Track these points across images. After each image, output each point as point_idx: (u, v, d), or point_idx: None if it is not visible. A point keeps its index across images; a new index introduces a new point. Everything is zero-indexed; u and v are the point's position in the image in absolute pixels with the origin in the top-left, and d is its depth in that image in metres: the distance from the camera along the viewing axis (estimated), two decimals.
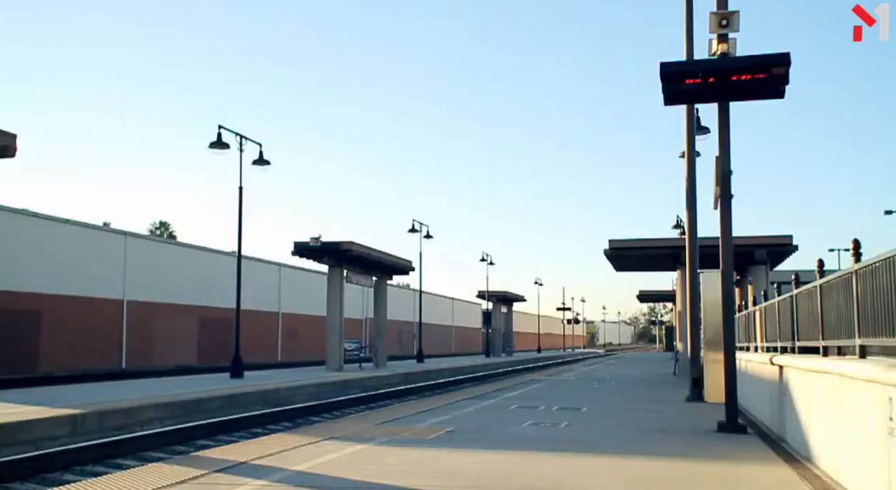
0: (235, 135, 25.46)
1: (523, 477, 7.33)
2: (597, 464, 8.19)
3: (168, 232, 76.10)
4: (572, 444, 9.52)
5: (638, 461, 8.33)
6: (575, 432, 10.88)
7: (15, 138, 13.45)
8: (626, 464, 8.16)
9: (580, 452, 8.86)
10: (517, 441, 9.82)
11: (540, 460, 8.31)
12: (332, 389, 22.86)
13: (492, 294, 60.01)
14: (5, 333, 30.33)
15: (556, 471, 7.68)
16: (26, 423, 11.69)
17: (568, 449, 9.11)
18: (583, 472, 7.63)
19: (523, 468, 7.84)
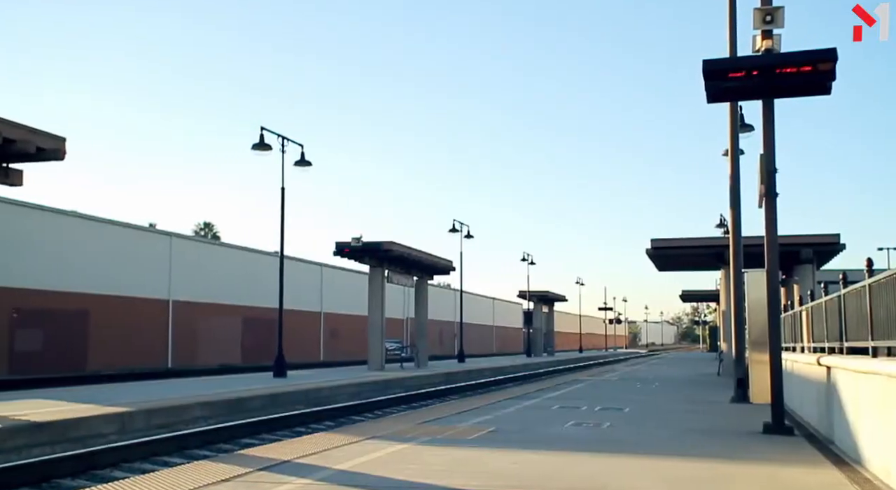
0: (277, 136, 25.73)
1: (566, 477, 7.30)
2: (640, 465, 8.12)
3: (212, 233, 77.10)
4: (615, 445, 9.45)
5: (681, 462, 8.24)
6: (618, 433, 10.80)
7: (64, 141, 13.72)
8: (670, 465, 8.08)
9: (623, 453, 8.79)
10: (559, 441, 9.77)
11: (582, 461, 8.27)
12: (374, 389, 22.97)
13: (533, 294, 59.80)
14: (55, 333, 31.02)
15: (599, 471, 7.63)
16: (76, 421, 11.93)
17: (611, 450, 9.04)
18: (626, 473, 7.57)
19: (566, 469, 7.80)
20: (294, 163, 26.54)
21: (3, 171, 13.65)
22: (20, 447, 10.68)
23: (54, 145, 13.52)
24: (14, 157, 13.49)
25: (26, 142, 12.88)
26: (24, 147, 12.87)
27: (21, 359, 29.33)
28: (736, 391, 15.84)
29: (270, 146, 25.09)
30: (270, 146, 25.09)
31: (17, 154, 13.20)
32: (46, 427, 11.32)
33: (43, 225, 30.81)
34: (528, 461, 8.18)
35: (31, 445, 10.85)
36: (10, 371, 28.26)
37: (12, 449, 10.56)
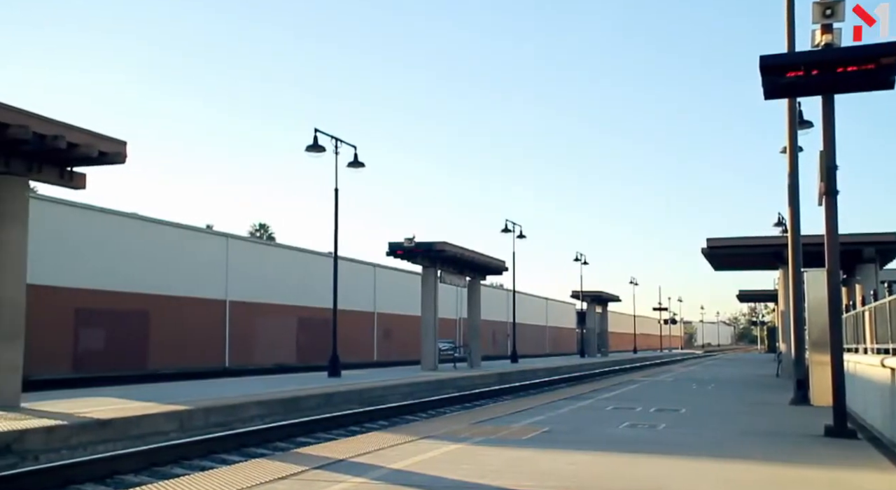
0: (331, 138, 25.96)
1: (621, 478, 7.24)
2: (696, 467, 8.02)
3: (267, 234, 78.20)
4: (671, 447, 9.34)
5: (739, 465, 8.11)
6: (673, 434, 10.67)
7: (125, 145, 14.04)
8: (727, 468, 7.96)
9: (679, 455, 8.68)
10: (614, 442, 9.70)
11: (638, 462, 8.19)
12: (427, 389, 23.05)
13: (586, 294, 59.39)
14: (116, 333, 31.77)
15: (655, 473, 7.55)
16: (137, 419, 12.20)
17: (666, 451, 8.94)
18: (682, 475, 7.48)
19: (621, 470, 7.74)
20: (347, 164, 26.77)
21: (68, 174, 14.03)
22: (85, 443, 10.97)
23: (116, 149, 13.84)
24: (77, 161, 13.86)
25: (89, 146, 13.22)
26: (87, 151, 13.20)
27: (84, 358, 30.11)
28: (796, 393, 15.52)
29: (324, 148, 25.33)
30: (324, 148, 25.33)
31: (81, 158, 13.56)
32: (109, 424, 11.60)
33: (104, 227, 31.58)
34: (582, 462, 8.13)
35: (95, 442, 11.13)
36: (74, 369, 29.03)
37: (77, 445, 10.85)
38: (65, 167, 13.96)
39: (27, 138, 12.16)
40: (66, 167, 13.98)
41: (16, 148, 12.69)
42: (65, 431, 10.83)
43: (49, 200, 27.85)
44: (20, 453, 9.99)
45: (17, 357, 13.38)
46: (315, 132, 25.15)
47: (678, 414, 13.57)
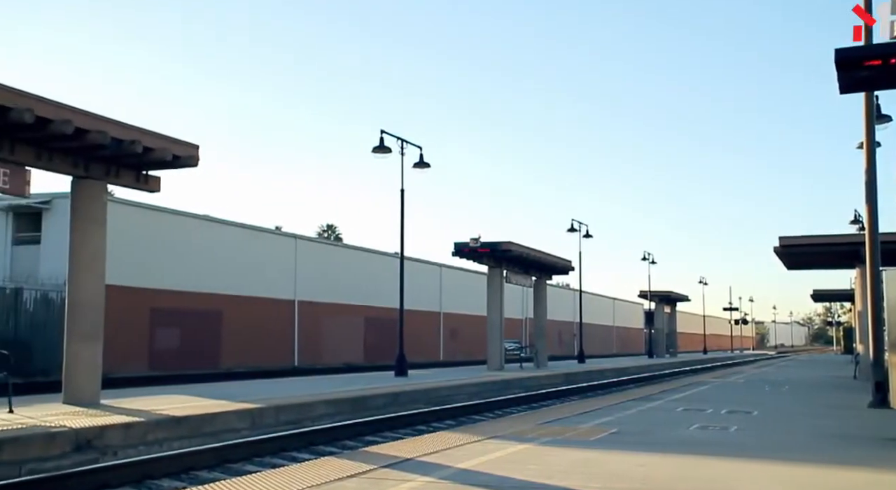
0: (397, 139, 26.16)
1: (692, 481, 7.13)
2: (771, 470, 7.84)
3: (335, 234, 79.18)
4: (743, 449, 9.15)
5: (815, 469, 7.91)
6: (745, 437, 10.46)
7: (197, 148, 14.40)
8: (801, 472, 7.78)
9: (751, 458, 8.50)
10: (684, 444, 9.55)
11: (708, 464, 8.05)
12: (493, 389, 23.04)
13: (654, 293, 58.59)
14: (190, 332, 32.54)
15: (727, 476, 7.42)
16: (211, 416, 12.50)
17: (738, 454, 8.76)
18: (756, 479, 7.33)
19: (691, 472, 7.62)
20: (413, 165, 26.93)
21: (143, 177, 14.45)
22: (160, 440, 11.28)
23: (188, 152, 14.19)
24: (152, 165, 14.27)
25: (164, 150, 13.58)
26: (161, 155, 13.57)
27: (159, 357, 30.90)
28: (874, 396, 15.04)
29: (390, 149, 25.54)
30: (390, 149, 25.54)
31: (155, 162, 13.95)
32: (184, 421, 11.91)
33: (177, 228, 32.37)
34: (651, 463, 8.03)
35: (170, 439, 11.43)
36: (150, 368, 29.82)
37: (153, 442, 11.17)
38: (140, 171, 14.37)
39: (105, 143, 12.55)
40: (142, 171, 14.40)
41: (94, 152, 13.13)
42: (141, 428, 11.16)
43: (124, 203, 28.67)
44: (100, 449, 10.33)
45: (97, 356, 13.83)
46: (381, 133, 25.40)
47: (750, 416, 13.30)
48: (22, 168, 12.48)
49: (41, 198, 27.74)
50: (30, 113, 11.25)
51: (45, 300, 27.08)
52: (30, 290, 27.17)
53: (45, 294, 27.06)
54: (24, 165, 12.50)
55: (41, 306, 27.08)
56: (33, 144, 12.44)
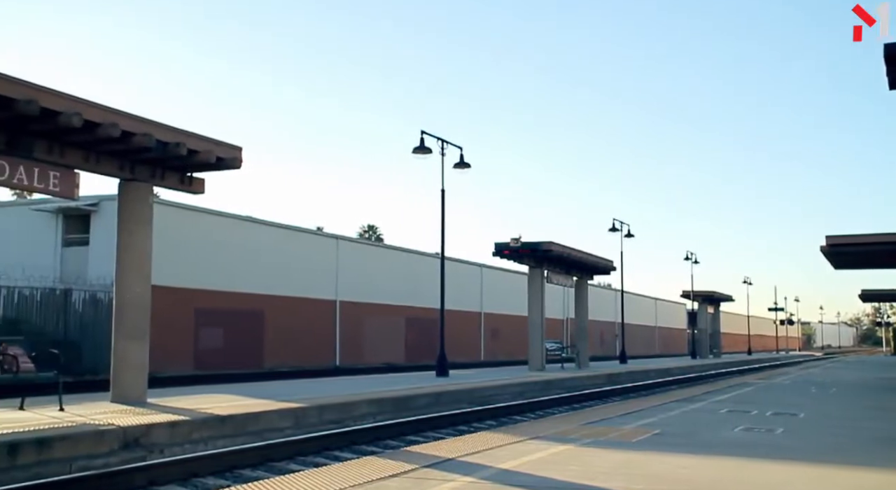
0: (437, 139, 26.21)
1: (736, 484, 7.05)
2: (818, 474, 7.72)
3: (375, 235, 79.55)
4: (789, 452, 9.02)
5: (865, 473, 7.76)
6: (791, 439, 10.30)
7: (240, 150, 14.56)
8: (849, 475, 7.64)
9: (797, 461, 8.38)
10: (728, 446, 9.43)
11: (753, 467, 7.95)
12: (535, 389, 22.98)
13: (697, 294, 57.94)
14: (234, 332, 32.95)
15: (772, 479, 7.32)
16: (255, 415, 12.64)
17: (784, 457, 8.64)
18: (803, 482, 7.22)
19: (736, 475, 7.53)
20: (453, 165, 26.96)
21: (188, 179, 14.66)
22: (206, 438, 11.44)
23: (232, 154, 14.36)
24: (196, 167, 14.47)
25: (208, 152, 13.76)
26: (205, 157, 13.75)
27: (204, 356, 31.33)
28: None
29: (430, 149, 25.60)
30: (430, 149, 25.60)
31: (199, 164, 14.14)
32: (228, 420, 12.06)
33: (220, 229, 32.79)
34: (695, 465, 7.95)
35: (215, 437, 11.59)
36: (195, 367, 30.25)
37: (199, 440, 11.32)
38: (185, 173, 14.58)
39: (151, 146, 12.75)
40: (186, 173, 14.60)
41: (140, 155, 13.35)
42: (187, 426, 11.33)
43: (169, 204, 29.11)
44: (147, 447, 10.51)
45: (143, 355, 14.07)
46: (422, 134, 25.47)
47: (796, 418, 13.09)
48: (71, 171, 12.75)
49: (89, 200, 28.30)
50: (78, 117, 11.48)
51: (94, 300, 27.63)
52: (79, 290, 27.75)
53: (94, 294, 27.61)
54: (72, 168, 12.76)
55: (90, 307, 27.64)
56: (82, 148, 12.69)
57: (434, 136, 26.05)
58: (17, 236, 30.67)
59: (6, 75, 10.81)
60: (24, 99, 10.81)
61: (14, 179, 12.04)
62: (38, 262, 28.09)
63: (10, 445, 8.96)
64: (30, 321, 25.84)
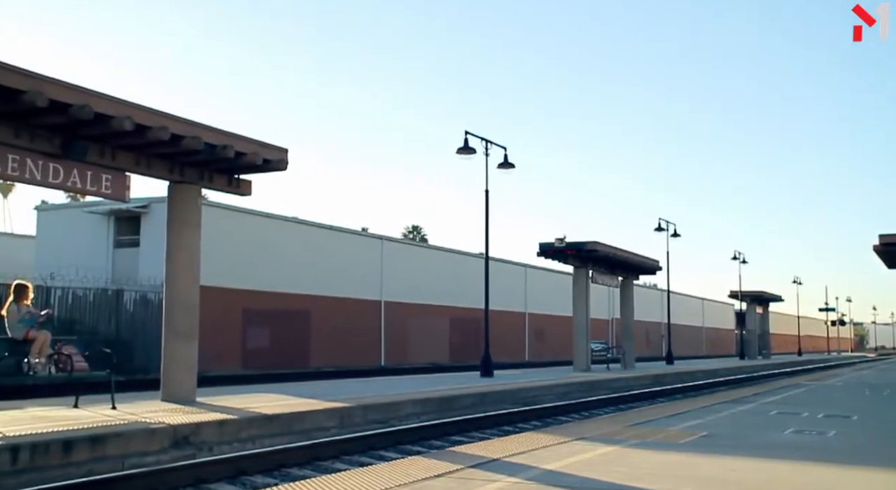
0: (481, 139, 26.20)
1: (787, 486, 6.94)
2: (869, 478, 7.56)
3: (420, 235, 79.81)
4: (840, 456, 8.85)
5: None
6: (843, 442, 10.10)
7: (286, 152, 14.72)
8: None
9: (850, 465, 8.21)
10: (778, 449, 9.28)
11: (804, 470, 7.82)
12: (580, 390, 22.85)
13: (745, 294, 57.10)
14: (280, 332, 33.30)
15: (824, 483, 7.19)
16: (301, 414, 12.77)
17: (836, 460, 8.47)
18: (852, 486, 7.09)
19: (786, 477, 7.41)
20: (497, 165, 26.92)
21: (235, 181, 14.86)
22: (253, 437, 11.59)
23: (278, 156, 14.52)
24: (243, 169, 14.65)
25: (255, 154, 13.92)
26: (252, 159, 13.92)
27: (251, 356, 31.73)
28: None
29: (474, 150, 25.60)
30: (474, 150, 25.60)
31: (246, 166, 14.31)
32: (275, 419, 12.20)
33: (266, 230, 33.17)
34: (744, 468, 7.84)
35: (262, 436, 11.73)
36: (243, 366, 30.65)
37: (246, 438, 11.47)
38: (232, 175, 14.77)
39: (199, 148, 12.95)
40: (234, 175, 14.79)
41: (189, 158, 13.57)
42: (235, 425, 11.49)
43: (216, 206, 29.53)
44: (197, 445, 10.68)
45: (192, 355, 14.29)
46: (465, 134, 25.49)
47: (849, 421, 12.83)
48: (122, 174, 13.00)
49: (140, 202, 28.83)
50: (129, 120, 11.70)
51: (144, 301, 28.14)
52: (130, 291, 28.30)
53: (144, 295, 28.12)
54: (124, 171, 13.01)
55: (140, 307, 28.17)
56: (132, 151, 12.94)
57: (478, 137, 26.06)
58: (70, 238, 31.39)
59: (62, 81, 11.06)
60: (78, 104, 11.05)
61: (68, 182, 12.33)
62: (91, 263, 28.69)
63: (65, 442, 9.18)
64: (83, 321, 26.43)
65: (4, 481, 8.35)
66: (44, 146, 11.67)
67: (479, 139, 26.13)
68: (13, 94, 10.37)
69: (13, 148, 11.35)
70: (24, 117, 11.17)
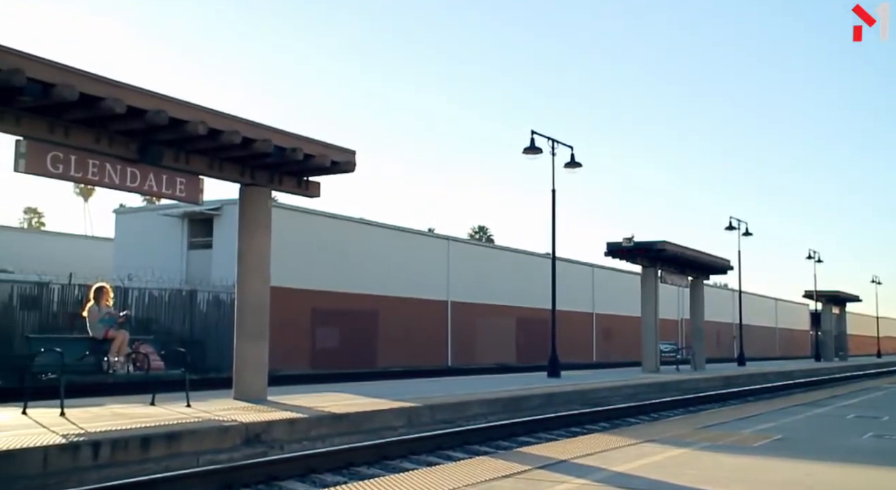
0: (547, 139, 26.06)
1: None
2: None
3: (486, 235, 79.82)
4: None
5: None
6: None
7: (354, 154, 14.88)
8: None
9: None
10: (856, 454, 9.02)
11: (884, 477, 7.58)
12: (649, 391, 22.56)
13: (820, 294, 55.54)
14: (349, 332, 33.70)
15: None
16: (369, 414, 12.90)
17: None
18: None
19: (865, 484, 7.21)
20: (564, 164, 26.74)
21: (304, 183, 15.09)
22: (323, 436, 11.75)
23: (346, 158, 14.69)
24: (312, 171, 14.86)
25: (323, 156, 14.12)
26: (321, 161, 14.12)
27: (319, 355, 32.18)
28: None
29: (541, 149, 25.49)
30: (541, 149, 25.49)
31: (315, 168, 14.52)
32: (344, 418, 12.35)
33: (334, 231, 33.61)
34: (820, 473, 7.65)
35: (331, 435, 11.88)
36: (311, 366, 31.09)
37: (316, 437, 11.64)
38: (301, 177, 15.00)
39: (269, 151, 13.19)
40: (303, 177, 15.02)
41: (260, 160, 13.83)
42: (305, 424, 11.67)
43: (286, 207, 30.02)
44: (268, 443, 10.88)
45: (263, 354, 14.55)
46: (532, 134, 25.40)
47: None
48: (196, 177, 13.34)
49: (212, 205, 29.51)
50: (203, 125, 11.99)
51: (217, 301, 28.80)
52: (203, 291, 28.99)
53: (217, 295, 28.77)
54: (197, 174, 13.35)
55: (213, 307, 28.83)
56: (206, 154, 13.25)
57: (544, 136, 25.93)
58: (146, 240, 32.34)
59: (138, 87, 11.40)
60: (154, 109, 11.37)
61: (145, 186, 12.71)
62: (166, 264, 29.50)
63: (143, 439, 9.46)
64: (159, 321, 27.17)
65: (87, 476, 8.65)
66: (121, 151, 12.04)
67: (546, 138, 26.01)
68: (94, 100, 10.73)
69: (93, 153, 11.75)
70: (102, 123, 11.55)
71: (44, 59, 10.24)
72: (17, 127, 10.80)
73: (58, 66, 10.38)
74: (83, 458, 8.80)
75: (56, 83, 10.20)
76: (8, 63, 9.65)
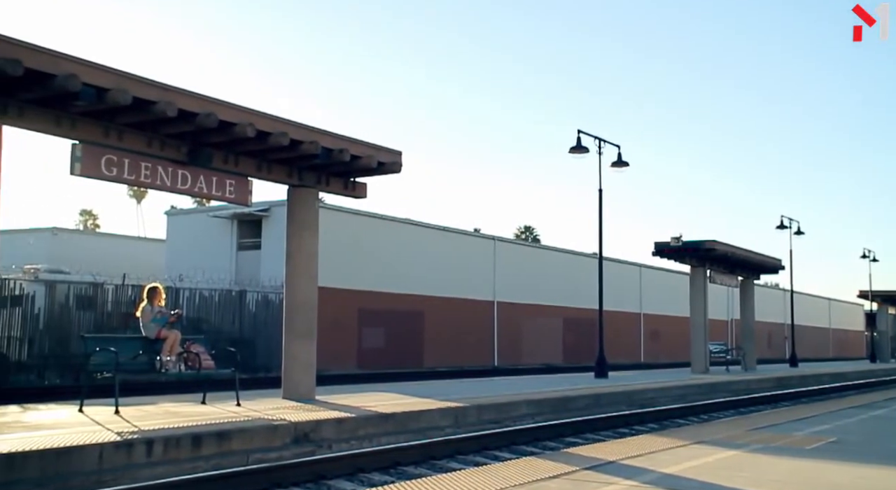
0: (594, 138, 25.89)
1: None
2: None
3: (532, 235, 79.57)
4: None
5: None
6: None
7: (400, 155, 14.95)
8: None
9: None
10: None
11: None
12: (698, 392, 22.28)
13: (876, 294, 54.29)
14: (395, 332, 33.84)
15: None
16: (416, 413, 12.94)
17: None
18: None
19: None
20: (611, 164, 26.54)
21: (351, 184, 15.20)
22: (370, 435, 11.82)
23: (392, 159, 14.77)
24: (359, 172, 14.96)
25: (370, 157, 14.21)
26: (367, 162, 14.21)
27: (366, 355, 32.36)
28: None
29: (587, 149, 25.33)
30: (587, 149, 25.33)
31: (362, 169, 14.61)
32: (391, 418, 12.41)
33: (381, 231, 33.77)
34: (876, 477, 7.49)
35: (378, 434, 11.95)
36: (358, 366, 31.29)
37: (363, 436, 11.71)
38: (348, 178, 15.11)
39: (317, 153, 13.32)
40: (349, 178, 15.13)
41: (307, 162, 13.97)
42: (352, 423, 11.75)
43: (333, 208, 30.25)
44: (316, 442, 10.98)
45: (311, 354, 14.69)
46: (578, 133, 25.26)
47: None
48: (245, 179, 13.52)
49: (261, 206, 29.88)
50: (252, 127, 12.15)
51: (266, 301, 29.13)
52: (252, 292, 29.36)
53: (266, 296, 29.11)
54: (246, 176, 13.53)
55: (262, 307, 29.18)
56: (254, 156, 13.43)
57: (591, 135, 25.77)
58: (197, 241, 32.87)
59: (188, 91, 11.59)
60: (204, 112, 11.55)
61: (195, 188, 12.93)
62: (216, 264, 29.94)
63: (194, 437, 9.62)
64: (209, 321, 27.57)
65: (140, 473, 8.83)
66: (172, 154, 12.26)
67: (592, 138, 25.85)
68: (146, 104, 10.94)
69: (145, 156, 11.98)
70: (154, 127, 11.78)
71: (98, 64, 10.46)
72: (73, 131, 11.06)
73: (111, 71, 10.60)
74: (137, 456, 8.98)
75: (110, 88, 10.41)
76: (63, 69, 9.88)
